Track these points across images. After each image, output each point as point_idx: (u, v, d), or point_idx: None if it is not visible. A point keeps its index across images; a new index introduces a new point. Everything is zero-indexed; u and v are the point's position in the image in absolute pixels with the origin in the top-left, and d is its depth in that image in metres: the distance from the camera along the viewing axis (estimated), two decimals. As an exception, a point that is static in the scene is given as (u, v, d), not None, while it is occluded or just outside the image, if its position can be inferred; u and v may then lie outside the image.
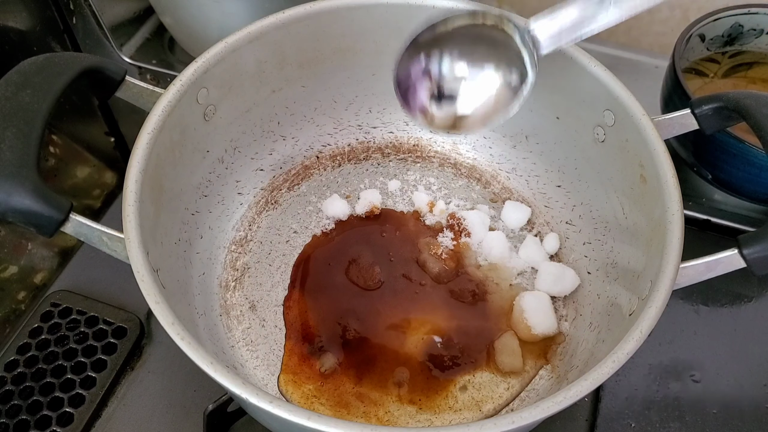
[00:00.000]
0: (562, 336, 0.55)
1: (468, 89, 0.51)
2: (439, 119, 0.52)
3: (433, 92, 0.51)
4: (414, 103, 0.52)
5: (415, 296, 0.58)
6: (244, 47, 0.54)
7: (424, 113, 0.52)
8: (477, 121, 0.52)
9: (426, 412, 0.52)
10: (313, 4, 0.56)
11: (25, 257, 0.66)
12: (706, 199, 0.67)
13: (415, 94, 0.51)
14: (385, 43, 0.60)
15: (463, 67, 0.50)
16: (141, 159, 0.46)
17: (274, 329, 0.56)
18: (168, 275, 0.48)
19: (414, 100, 0.52)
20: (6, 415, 0.54)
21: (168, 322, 0.39)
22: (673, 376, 0.58)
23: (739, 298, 0.63)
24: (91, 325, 0.59)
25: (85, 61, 0.46)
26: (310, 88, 0.63)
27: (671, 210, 0.45)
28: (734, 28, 0.67)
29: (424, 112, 0.52)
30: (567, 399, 0.37)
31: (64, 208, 0.41)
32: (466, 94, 0.51)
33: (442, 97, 0.51)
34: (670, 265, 0.43)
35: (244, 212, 0.63)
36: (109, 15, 0.76)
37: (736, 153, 0.58)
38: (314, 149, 0.67)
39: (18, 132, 0.40)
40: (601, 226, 0.58)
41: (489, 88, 0.50)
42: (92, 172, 0.77)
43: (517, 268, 0.60)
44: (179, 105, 0.50)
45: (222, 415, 0.53)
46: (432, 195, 0.65)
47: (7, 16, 0.68)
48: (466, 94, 0.51)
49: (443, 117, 0.52)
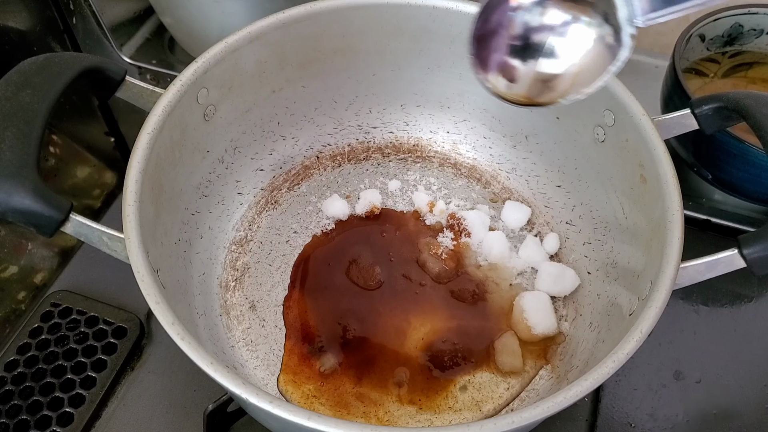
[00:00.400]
0: (562, 336, 0.55)
1: (559, 41, 0.43)
2: (521, 78, 0.44)
3: (516, 42, 0.43)
4: (491, 58, 0.44)
5: (415, 296, 0.58)
6: (244, 47, 0.54)
7: (502, 70, 0.44)
8: (567, 84, 0.43)
9: (426, 412, 0.52)
10: (313, 4, 0.56)
11: (25, 257, 0.66)
12: (706, 199, 0.67)
13: (495, 43, 0.43)
14: (385, 43, 0.60)
15: (555, 14, 0.43)
16: (141, 159, 0.46)
17: (274, 329, 0.56)
18: (168, 275, 0.48)
19: (492, 53, 0.44)
20: (6, 415, 0.54)
21: (168, 322, 0.39)
22: (674, 376, 0.58)
23: (739, 298, 0.63)
24: (91, 325, 0.59)
25: (85, 61, 0.46)
26: (310, 88, 0.63)
27: (671, 210, 0.45)
28: (734, 28, 0.67)
29: (504, 69, 0.44)
30: (567, 399, 0.37)
31: (64, 208, 0.41)
32: (556, 47, 0.43)
33: (526, 50, 0.43)
34: (670, 265, 0.43)
35: (244, 212, 0.63)
36: (109, 15, 0.77)
37: (736, 153, 0.58)
38: (314, 149, 0.67)
39: (18, 132, 0.40)
40: (601, 226, 0.58)
41: (583, 43, 0.43)
42: (92, 172, 0.77)
43: (517, 268, 0.60)
44: (179, 105, 0.50)
45: (222, 415, 0.53)
46: (432, 195, 0.65)
47: (7, 16, 0.68)
48: (556, 47, 0.43)
49: (527, 76, 0.44)
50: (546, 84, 0.44)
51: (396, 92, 0.66)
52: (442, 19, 0.58)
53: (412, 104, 0.67)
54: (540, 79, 0.44)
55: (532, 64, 0.43)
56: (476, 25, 0.44)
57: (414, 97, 0.66)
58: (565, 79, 0.43)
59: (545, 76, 0.44)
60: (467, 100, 0.65)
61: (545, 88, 0.44)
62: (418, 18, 0.58)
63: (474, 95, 0.64)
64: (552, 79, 0.43)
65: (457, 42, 0.59)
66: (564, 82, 0.43)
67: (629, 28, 0.41)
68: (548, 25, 0.43)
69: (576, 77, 0.43)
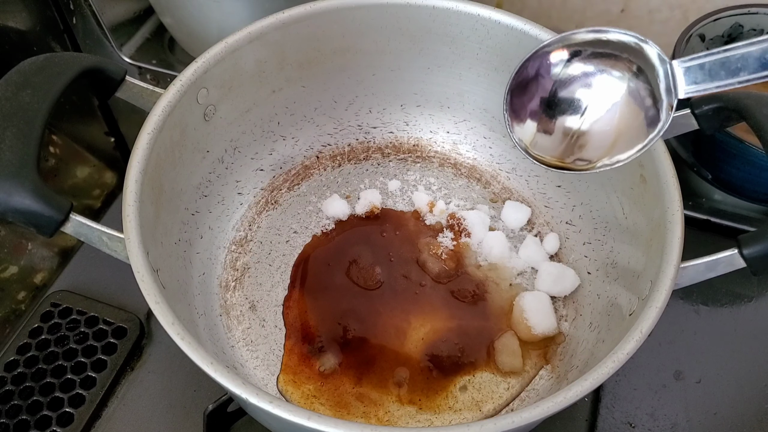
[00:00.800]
0: (562, 336, 0.55)
1: (593, 98, 0.43)
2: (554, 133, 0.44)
3: (549, 95, 0.44)
4: (524, 109, 0.44)
5: (415, 296, 0.58)
6: (244, 47, 0.54)
7: (535, 122, 0.44)
8: (598, 144, 0.42)
9: (426, 412, 0.52)
10: (313, 4, 0.56)
11: (25, 257, 0.66)
12: (706, 199, 0.67)
13: (528, 96, 0.44)
14: (385, 43, 0.60)
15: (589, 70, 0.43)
16: (141, 159, 0.46)
17: (274, 329, 0.56)
18: (168, 275, 0.48)
19: (525, 103, 0.44)
20: (6, 415, 0.54)
21: (168, 322, 0.39)
22: (674, 376, 0.58)
23: (739, 298, 0.63)
24: (91, 325, 0.59)
25: (85, 61, 0.46)
26: (310, 88, 0.63)
27: (671, 210, 0.45)
28: (734, 28, 0.67)
29: (536, 119, 0.44)
30: (567, 399, 0.37)
31: (64, 208, 0.41)
32: (589, 102, 0.43)
33: (558, 105, 0.43)
34: (670, 265, 0.43)
35: (244, 212, 0.63)
36: (109, 15, 0.77)
37: (736, 153, 0.58)
38: (314, 149, 0.67)
39: (18, 132, 0.40)
40: (601, 226, 0.58)
41: (617, 103, 0.43)
42: (92, 172, 0.77)
43: (517, 268, 0.60)
44: (179, 105, 0.50)
45: (222, 415, 0.53)
46: (432, 195, 0.65)
47: (7, 16, 0.68)
48: (589, 103, 0.43)
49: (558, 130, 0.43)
50: (579, 145, 0.44)
51: (396, 92, 0.66)
52: (442, 19, 0.58)
53: (412, 104, 0.67)
54: (573, 135, 0.44)
55: (563, 119, 0.44)
56: (512, 79, 0.44)
57: (414, 97, 0.66)
58: (598, 141, 0.43)
59: (577, 133, 0.44)
60: (467, 100, 0.65)
61: (578, 150, 0.44)
62: (418, 18, 0.58)
63: (474, 95, 0.64)
64: (584, 138, 0.43)
65: (457, 42, 0.59)
66: (596, 143, 0.43)
67: (668, 100, 0.41)
68: (580, 76, 0.43)
69: (609, 142, 0.43)
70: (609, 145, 0.43)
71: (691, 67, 0.40)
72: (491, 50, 0.58)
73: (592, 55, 0.43)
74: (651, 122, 0.42)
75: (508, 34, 0.56)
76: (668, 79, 0.41)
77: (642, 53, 0.42)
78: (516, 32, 0.55)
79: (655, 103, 0.42)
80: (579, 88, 0.43)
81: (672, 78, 0.41)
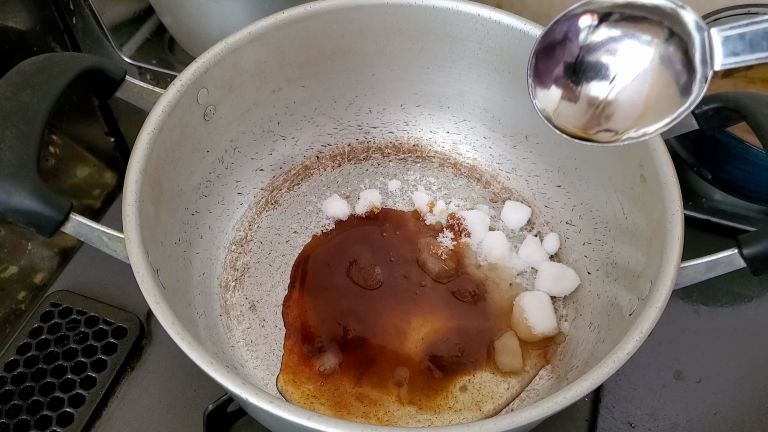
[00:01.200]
0: (562, 336, 0.55)
1: (622, 64, 0.40)
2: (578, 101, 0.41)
3: (576, 59, 0.41)
4: (549, 74, 0.42)
5: (415, 296, 0.58)
6: (244, 47, 0.54)
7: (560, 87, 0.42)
8: (625, 114, 0.40)
9: (426, 412, 0.52)
10: (313, 4, 0.56)
11: (25, 257, 0.66)
12: (706, 199, 0.67)
13: (554, 60, 0.41)
14: (385, 43, 0.60)
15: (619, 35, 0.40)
16: (141, 159, 0.46)
17: (274, 329, 0.56)
18: (168, 275, 0.48)
19: (551, 68, 0.42)
20: (6, 415, 0.54)
21: (168, 322, 0.39)
22: (674, 376, 0.58)
23: (739, 298, 0.63)
24: (91, 325, 0.59)
25: (85, 61, 0.46)
26: (310, 88, 0.63)
27: (671, 210, 0.45)
28: (734, 28, 0.67)
29: (560, 86, 0.42)
30: (567, 399, 0.37)
31: (64, 208, 0.41)
32: (619, 69, 0.40)
33: (585, 71, 0.41)
34: (670, 265, 0.43)
35: (244, 212, 0.63)
36: (109, 15, 0.77)
37: (736, 153, 0.58)
38: (314, 149, 0.67)
39: (18, 132, 0.40)
40: (601, 226, 0.58)
41: (647, 70, 0.40)
42: (92, 172, 0.77)
43: (517, 268, 0.60)
44: (179, 105, 0.50)
45: (222, 415, 0.53)
46: (432, 195, 0.65)
47: (7, 16, 0.68)
48: (618, 70, 0.40)
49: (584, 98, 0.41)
50: (605, 115, 0.41)
51: (396, 92, 0.66)
52: (442, 19, 0.58)
53: (412, 104, 0.67)
54: (599, 105, 0.41)
55: (590, 86, 0.41)
56: (539, 42, 0.42)
57: (414, 97, 0.66)
58: (625, 110, 0.41)
59: (603, 102, 0.41)
60: (467, 100, 0.65)
61: (604, 119, 0.41)
62: (418, 18, 0.58)
63: (474, 95, 0.64)
64: (610, 108, 0.41)
65: (457, 42, 0.59)
66: (623, 114, 0.41)
67: (703, 71, 0.38)
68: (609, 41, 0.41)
69: (637, 113, 0.40)
70: (637, 115, 0.41)
71: (731, 36, 0.37)
72: (491, 50, 0.58)
73: (623, 19, 0.40)
74: (684, 93, 0.39)
75: (508, 34, 0.56)
76: (704, 48, 0.38)
77: (678, 19, 0.39)
78: (516, 32, 0.55)
79: (689, 73, 0.39)
80: (607, 54, 0.41)
81: (710, 47, 0.38)
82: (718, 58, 0.38)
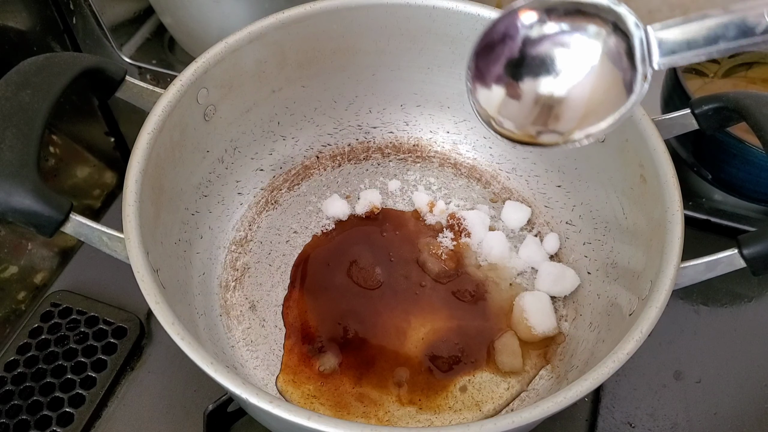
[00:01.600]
0: (562, 336, 0.55)
1: (565, 60, 0.38)
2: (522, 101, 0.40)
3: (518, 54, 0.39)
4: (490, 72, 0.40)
5: (415, 296, 0.58)
6: (244, 47, 0.54)
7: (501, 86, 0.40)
8: (571, 113, 0.39)
9: (426, 412, 0.52)
10: (313, 4, 0.56)
11: (25, 257, 0.66)
12: (706, 199, 0.67)
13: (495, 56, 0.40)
14: (385, 43, 0.60)
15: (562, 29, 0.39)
16: (141, 159, 0.46)
17: (274, 329, 0.56)
18: (168, 275, 0.48)
19: (492, 65, 0.40)
20: (6, 415, 0.54)
21: (168, 322, 0.39)
22: (674, 376, 0.58)
23: (739, 298, 0.63)
24: (91, 325, 0.59)
25: (85, 61, 0.46)
26: (310, 88, 0.63)
27: (671, 210, 0.45)
28: (734, 28, 0.67)
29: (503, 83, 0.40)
30: (567, 399, 0.37)
31: (64, 208, 0.41)
32: (562, 63, 0.38)
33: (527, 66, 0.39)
34: (670, 265, 0.43)
35: (244, 212, 0.63)
36: (109, 15, 0.77)
37: (736, 153, 0.58)
38: (314, 149, 0.67)
39: (18, 132, 0.40)
40: (601, 226, 0.58)
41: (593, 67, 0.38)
42: (92, 172, 0.77)
43: (517, 268, 0.60)
44: (179, 105, 0.50)
45: (222, 415, 0.53)
46: (432, 195, 0.65)
47: (7, 16, 0.68)
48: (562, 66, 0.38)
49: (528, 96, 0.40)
50: (550, 115, 0.40)
51: (396, 92, 0.66)
52: (442, 19, 0.58)
53: (412, 104, 0.67)
54: (545, 103, 0.40)
55: (533, 82, 0.39)
56: (479, 41, 0.41)
57: (414, 97, 0.66)
58: (570, 110, 0.39)
59: (548, 100, 0.39)
60: (467, 100, 0.64)
61: (549, 120, 0.40)
62: (418, 18, 0.58)
63: (474, 95, 0.64)
64: (556, 107, 0.39)
65: (457, 42, 0.59)
66: (568, 113, 0.39)
67: (643, 69, 0.37)
68: (552, 35, 0.39)
69: (582, 112, 0.39)
70: (582, 115, 0.39)
71: (667, 33, 0.37)
72: (491, 50, 0.58)
73: (566, 14, 0.39)
74: (629, 91, 0.38)
75: (508, 34, 0.56)
76: (642, 46, 0.37)
77: (619, 17, 0.38)
78: (516, 32, 0.55)
79: (633, 71, 0.38)
80: (551, 46, 0.39)
81: (647, 45, 0.37)
82: (655, 56, 0.37)
